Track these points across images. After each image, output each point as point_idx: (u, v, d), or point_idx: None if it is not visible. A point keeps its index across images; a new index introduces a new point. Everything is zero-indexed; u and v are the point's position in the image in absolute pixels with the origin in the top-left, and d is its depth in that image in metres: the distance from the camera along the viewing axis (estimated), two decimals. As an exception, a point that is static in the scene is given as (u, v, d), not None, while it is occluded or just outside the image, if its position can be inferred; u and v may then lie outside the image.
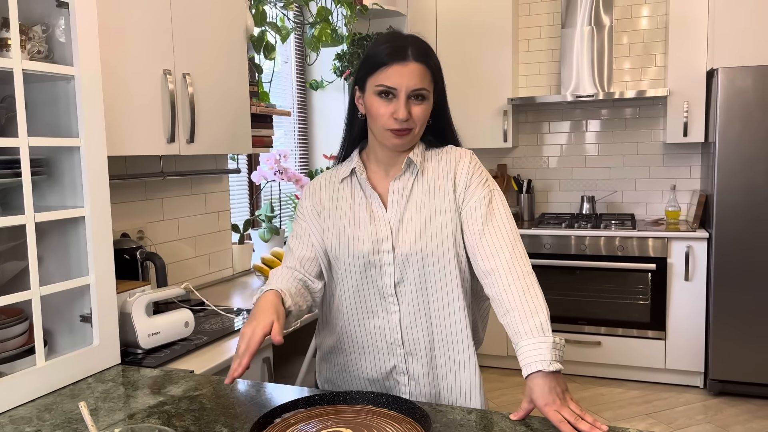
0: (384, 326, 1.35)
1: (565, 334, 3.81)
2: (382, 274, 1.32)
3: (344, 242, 1.34)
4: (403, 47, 1.27)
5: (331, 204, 1.39)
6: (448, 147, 1.39)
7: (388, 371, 1.37)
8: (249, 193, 3.20)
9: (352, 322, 1.38)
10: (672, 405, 3.42)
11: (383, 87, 1.26)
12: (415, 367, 1.35)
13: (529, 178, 4.33)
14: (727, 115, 3.38)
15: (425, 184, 1.34)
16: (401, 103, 1.26)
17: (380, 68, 1.27)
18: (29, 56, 1.36)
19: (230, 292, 2.47)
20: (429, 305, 1.32)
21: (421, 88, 1.27)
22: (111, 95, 1.66)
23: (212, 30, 2.08)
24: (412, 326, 1.33)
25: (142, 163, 2.21)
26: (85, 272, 1.43)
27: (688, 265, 3.54)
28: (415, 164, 1.34)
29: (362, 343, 1.38)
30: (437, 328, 1.33)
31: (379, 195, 1.35)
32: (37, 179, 1.40)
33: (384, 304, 1.34)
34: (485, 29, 4.02)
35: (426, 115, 1.31)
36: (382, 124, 1.29)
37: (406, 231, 1.31)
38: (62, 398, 1.30)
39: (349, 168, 1.39)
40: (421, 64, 1.27)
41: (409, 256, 1.30)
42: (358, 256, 1.32)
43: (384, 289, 1.33)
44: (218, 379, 1.39)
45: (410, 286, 1.32)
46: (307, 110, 3.90)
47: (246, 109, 2.27)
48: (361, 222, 1.34)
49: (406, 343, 1.34)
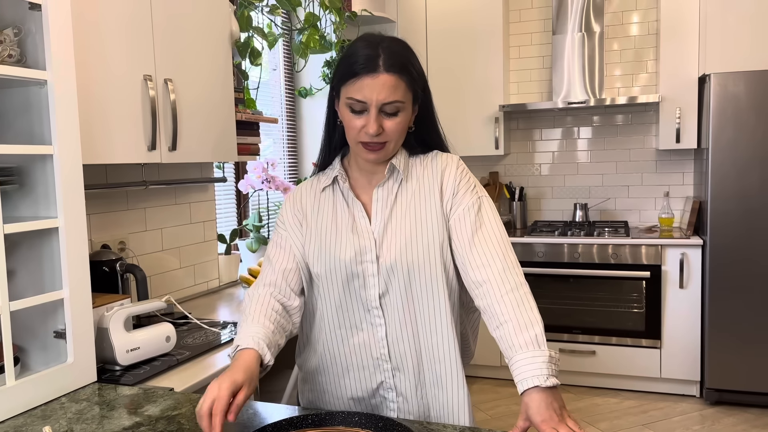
0: (369, 341, 1.29)
1: (559, 343, 3.76)
2: (366, 286, 1.27)
3: (326, 253, 1.28)
4: (375, 56, 1.19)
5: (313, 213, 1.33)
6: (434, 153, 1.34)
7: (374, 388, 1.31)
8: (236, 203, 3.14)
9: (336, 338, 1.31)
10: (668, 415, 3.37)
11: (353, 100, 1.20)
12: (403, 383, 1.30)
13: (521, 185, 4.29)
14: (719, 121, 3.35)
15: (410, 191, 1.29)
16: (372, 117, 1.20)
17: (351, 79, 1.20)
18: (0, 60, 1.30)
19: (216, 304, 2.40)
20: (416, 317, 1.27)
21: (393, 100, 1.20)
22: (87, 101, 1.60)
23: (195, 34, 2.02)
24: (398, 340, 1.27)
25: (124, 172, 2.15)
26: (59, 286, 1.37)
27: (682, 273, 3.50)
28: (399, 170, 1.29)
29: (347, 361, 1.31)
30: (424, 341, 1.27)
31: (362, 204, 1.30)
32: (8, 188, 1.34)
33: (369, 318, 1.28)
34: (476, 36, 3.99)
35: (401, 128, 1.24)
36: (353, 137, 1.24)
37: (390, 240, 1.26)
38: (33, 419, 1.24)
39: (331, 176, 1.33)
40: (393, 74, 1.19)
41: (394, 267, 1.25)
42: (340, 267, 1.26)
43: (368, 301, 1.27)
44: (198, 396, 1.32)
45: (396, 298, 1.26)
46: (296, 118, 3.84)
47: (231, 116, 2.21)
48: (343, 232, 1.29)
49: (393, 357, 1.28)
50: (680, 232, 3.74)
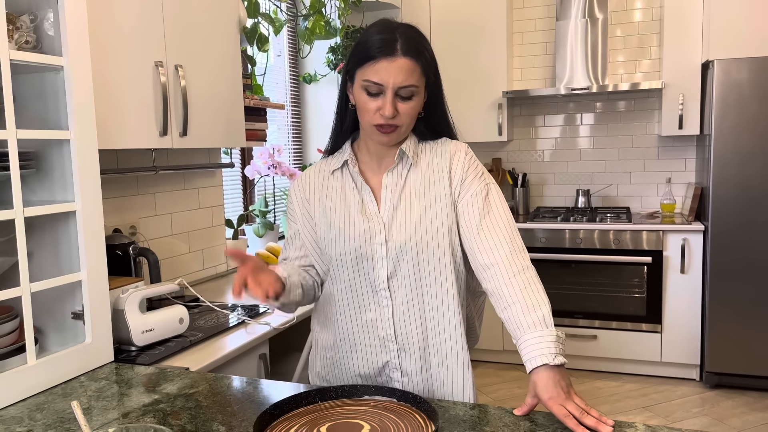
0: (377, 321, 1.33)
1: (561, 328, 3.77)
2: (375, 267, 1.30)
3: (335, 235, 1.32)
4: (393, 40, 1.22)
5: (321, 195, 1.37)
6: (443, 139, 1.37)
7: (380, 367, 1.35)
8: (243, 188, 3.17)
9: (345, 316, 1.36)
10: (669, 398, 3.42)
11: (370, 82, 1.23)
12: (408, 363, 1.33)
13: (524, 171, 4.31)
14: (722, 108, 3.37)
15: (419, 176, 1.32)
16: (388, 100, 1.23)
17: (368, 62, 1.23)
18: (17, 46, 1.32)
19: (224, 288, 2.44)
20: (423, 299, 1.30)
21: (408, 84, 1.23)
22: (101, 87, 1.62)
23: (205, 21, 2.04)
24: (405, 321, 1.31)
25: (134, 158, 2.17)
26: (77, 268, 1.40)
27: (683, 258, 3.54)
28: (408, 156, 1.32)
29: (355, 338, 1.36)
30: (431, 322, 1.31)
31: (371, 188, 1.33)
32: (26, 173, 1.37)
33: (376, 299, 1.32)
34: (480, 22, 4.00)
35: (414, 112, 1.28)
36: (368, 120, 1.26)
37: (400, 224, 1.29)
38: (54, 397, 1.27)
39: (340, 159, 1.36)
40: (410, 59, 1.23)
41: (403, 249, 1.28)
42: (350, 248, 1.30)
43: (376, 282, 1.31)
44: (214, 376, 1.36)
45: (403, 280, 1.30)
46: (300, 104, 3.86)
47: (239, 101, 2.23)
48: (352, 214, 1.32)
49: (399, 338, 1.32)
50: (682, 218, 3.77)
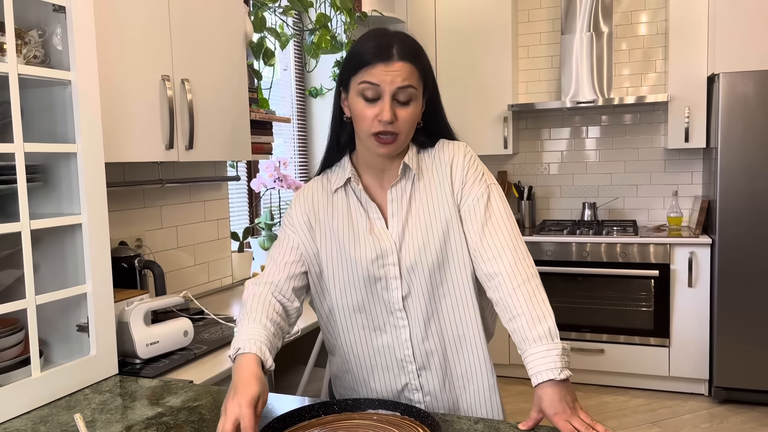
0: (393, 343, 1.28)
1: (568, 341, 3.75)
2: (389, 288, 1.26)
3: (345, 257, 1.27)
4: (388, 45, 1.18)
5: (327, 215, 1.30)
6: (440, 142, 1.32)
7: (399, 390, 1.31)
8: (248, 201, 3.18)
9: (359, 341, 1.31)
10: (677, 413, 3.38)
11: (366, 83, 1.18)
12: (429, 382, 1.30)
13: (530, 184, 4.31)
14: (728, 120, 3.36)
15: (423, 187, 1.28)
16: (386, 104, 1.17)
17: (364, 67, 1.18)
18: (25, 61, 1.34)
19: (230, 300, 2.44)
20: (440, 314, 1.27)
21: (407, 85, 1.18)
22: (108, 101, 1.64)
23: (211, 36, 2.06)
24: (423, 339, 1.27)
25: (141, 171, 2.19)
26: (82, 280, 1.41)
27: (691, 272, 3.51)
28: (411, 169, 1.28)
29: (371, 363, 1.31)
30: (449, 336, 1.28)
31: (377, 205, 1.29)
32: (33, 186, 1.38)
33: (392, 320, 1.27)
34: (485, 35, 4.02)
35: (413, 119, 1.22)
36: (366, 129, 1.21)
37: (409, 242, 1.25)
38: (58, 410, 1.27)
39: (343, 177, 1.30)
40: (407, 62, 1.18)
41: (414, 267, 1.24)
42: (361, 270, 1.25)
43: (391, 304, 1.27)
44: (218, 389, 1.35)
45: (419, 298, 1.26)
46: (306, 118, 3.88)
47: (245, 115, 2.25)
48: (361, 235, 1.27)
49: (418, 357, 1.28)
50: (689, 231, 3.75)
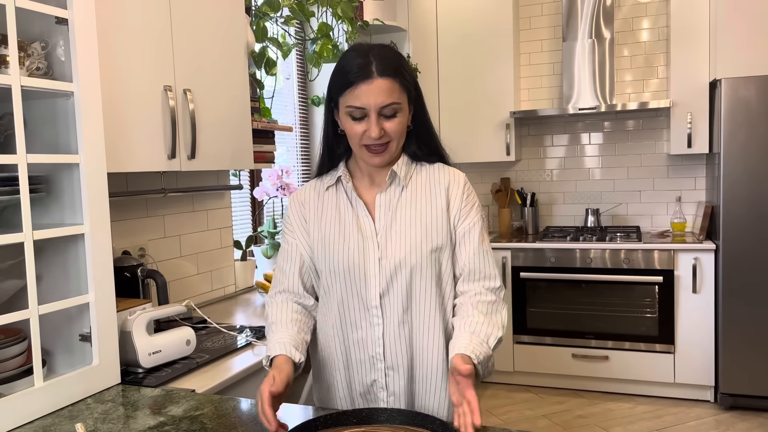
0: (367, 339, 1.35)
1: (572, 348, 3.76)
2: (367, 285, 1.33)
3: (329, 250, 1.35)
4: (367, 64, 1.26)
5: (317, 212, 1.40)
6: (439, 164, 1.41)
7: (368, 384, 1.37)
8: (251, 210, 3.18)
9: (337, 334, 1.37)
10: (683, 420, 3.37)
11: (352, 107, 1.27)
12: (395, 382, 1.35)
13: (532, 191, 4.31)
14: (731, 126, 3.36)
15: (413, 197, 1.36)
16: (372, 122, 1.26)
17: (347, 89, 1.27)
18: (28, 73, 1.35)
19: (233, 309, 2.44)
20: (411, 319, 1.33)
21: (390, 103, 1.27)
22: (111, 112, 1.65)
23: (213, 46, 2.07)
24: (395, 340, 1.33)
25: (143, 180, 2.20)
26: (85, 290, 1.41)
27: (695, 277, 3.50)
28: (399, 177, 1.36)
29: (345, 356, 1.37)
30: (417, 342, 1.34)
31: (365, 203, 1.36)
32: (36, 196, 1.39)
33: (368, 317, 1.34)
34: (486, 43, 4.03)
35: (401, 128, 1.31)
36: (356, 143, 1.31)
37: (395, 244, 1.32)
38: (61, 419, 1.28)
39: (334, 176, 1.40)
40: (386, 78, 1.26)
41: (398, 269, 1.31)
42: (343, 264, 1.33)
43: (368, 300, 1.33)
44: (219, 398, 1.36)
45: (395, 299, 1.32)
46: (309, 126, 3.89)
47: (247, 124, 2.26)
48: (347, 230, 1.35)
49: (388, 356, 1.34)
50: (693, 236, 3.74)
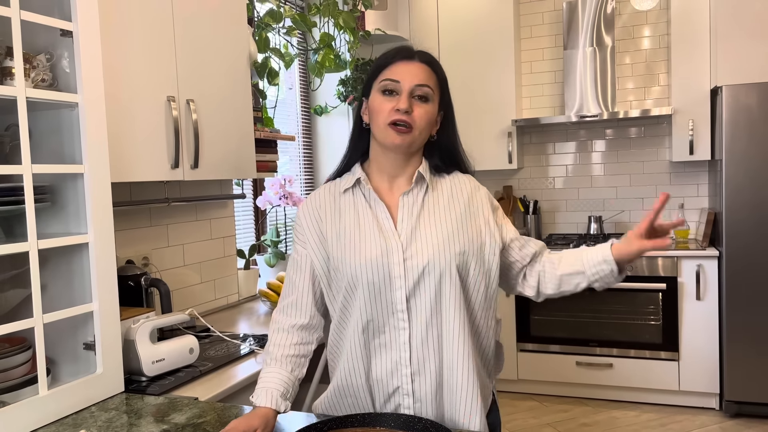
0: (391, 344, 1.28)
1: (576, 356, 3.75)
2: (392, 288, 1.26)
3: (351, 253, 1.28)
4: (410, 49, 1.33)
5: (334, 215, 1.34)
6: (456, 172, 1.40)
7: (390, 393, 1.30)
8: (254, 219, 3.20)
9: (358, 340, 1.30)
10: (688, 428, 3.35)
11: (387, 80, 1.29)
12: (422, 388, 1.28)
13: (535, 199, 4.31)
14: (732, 132, 3.36)
15: (437, 201, 1.33)
16: (404, 96, 1.28)
17: (386, 67, 1.31)
18: (33, 84, 1.37)
19: (236, 318, 2.45)
20: (441, 323, 1.27)
21: (424, 83, 1.29)
22: (115, 122, 1.67)
23: (216, 57, 2.09)
24: (423, 344, 1.27)
25: (147, 190, 2.21)
26: (89, 299, 1.42)
27: (699, 284, 3.50)
28: (425, 179, 1.33)
29: (365, 362, 1.31)
30: (447, 347, 1.27)
31: (385, 205, 1.32)
32: (41, 206, 1.40)
33: (393, 321, 1.28)
34: (488, 52, 4.05)
35: (428, 117, 1.30)
36: (383, 120, 1.28)
37: (421, 245, 1.27)
38: (65, 428, 1.28)
39: (352, 179, 1.35)
40: (425, 65, 1.31)
41: (426, 271, 1.26)
42: (366, 266, 1.26)
43: (394, 303, 1.27)
44: (222, 406, 1.36)
45: (423, 302, 1.26)
46: (311, 135, 3.91)
47: (250, 134, 2.28)
48: (368, 232, 1.30)
49: (414, 361, 1.28)
50: (696, 243, 3.74)
